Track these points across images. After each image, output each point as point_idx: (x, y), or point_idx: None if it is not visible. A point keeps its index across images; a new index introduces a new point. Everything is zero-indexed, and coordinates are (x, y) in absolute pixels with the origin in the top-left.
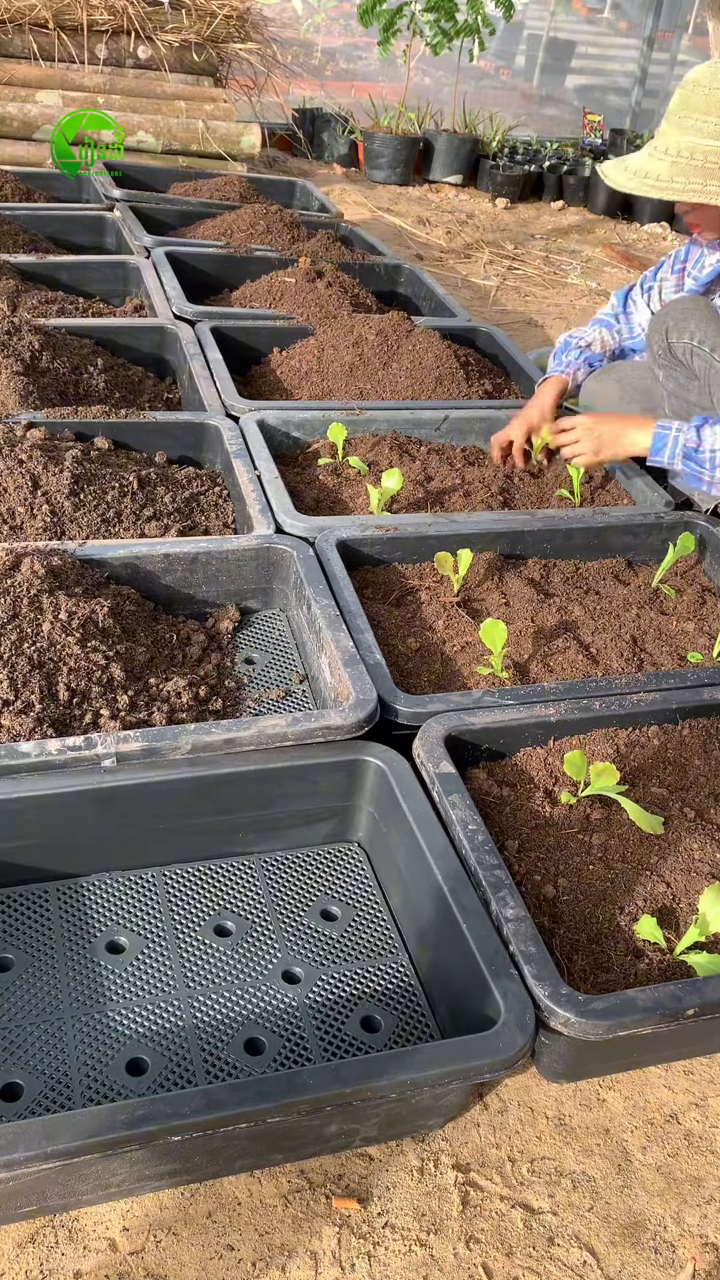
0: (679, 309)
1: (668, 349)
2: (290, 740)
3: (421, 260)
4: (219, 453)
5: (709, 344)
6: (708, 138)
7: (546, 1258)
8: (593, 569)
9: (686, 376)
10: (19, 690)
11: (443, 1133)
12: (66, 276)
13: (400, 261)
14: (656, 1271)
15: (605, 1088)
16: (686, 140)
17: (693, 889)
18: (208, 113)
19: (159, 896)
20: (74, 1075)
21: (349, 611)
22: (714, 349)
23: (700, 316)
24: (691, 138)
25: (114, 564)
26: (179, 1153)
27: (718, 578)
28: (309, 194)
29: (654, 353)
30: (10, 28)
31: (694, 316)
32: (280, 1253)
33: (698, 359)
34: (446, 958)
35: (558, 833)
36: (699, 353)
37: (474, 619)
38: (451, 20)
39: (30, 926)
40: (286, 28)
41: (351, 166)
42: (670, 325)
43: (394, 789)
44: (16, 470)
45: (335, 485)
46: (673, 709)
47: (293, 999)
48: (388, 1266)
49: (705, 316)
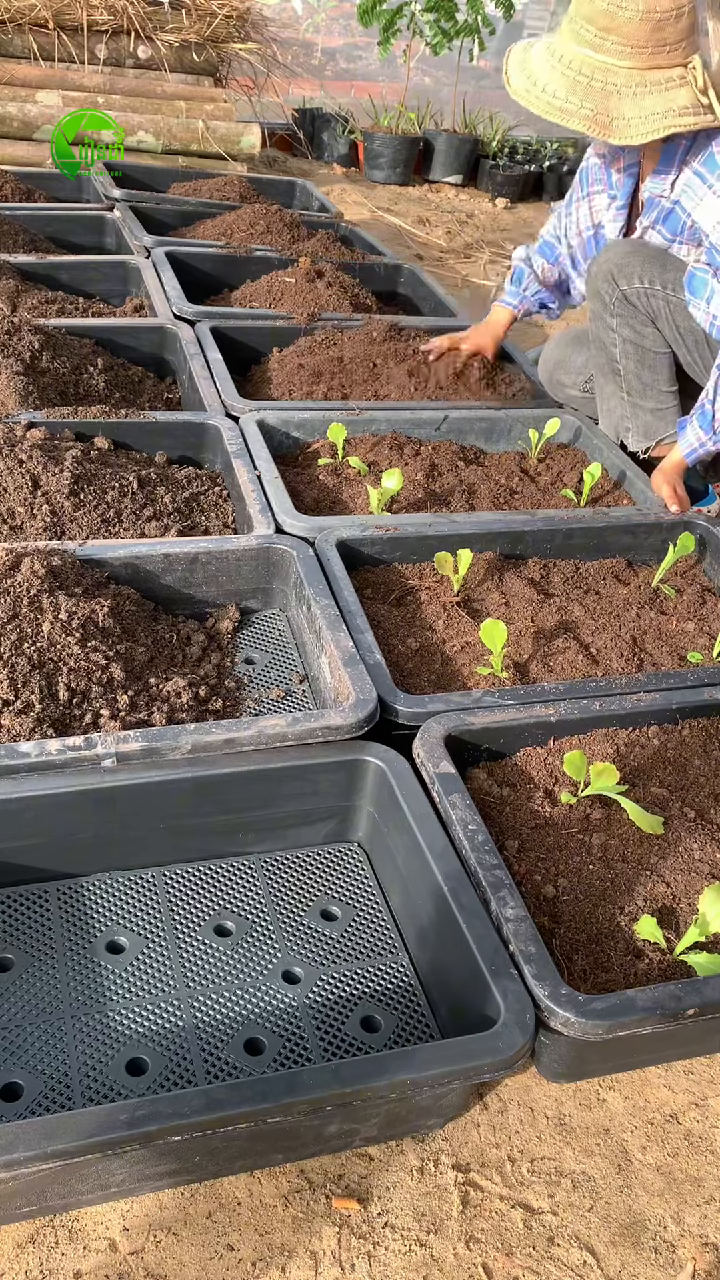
0: (618, 255)
1: (622, 297)
2: (290, 740)
3: (421, 260)
4: (219, 453)
5: (660, 282)
6: (604, 54)
7: (546, 1258)
8: (593, 569)
9: (642, 323)
10: (19, 690)
11: (443, 1133)
12: (66, 276)
13: (400, 261)
14: (656, 1271)
15: (605, 1088)
16: (581, 53)
17: (693, 889)
18: (208, 113)
19: (159, 896)
20: (74, 1075)
21: (349, 611)
22: (665, 285)
23: (642, 259)
24: (587, 50)
25: (114, 564)
26: (179, 1153)
27: (718, 578)
28: (309, 194)
29: (604, 302)
30: (10, 28)
31: (636, 260)
32: (280, 1253)
33: (654, 299)
34: (446, 958)
35: (558, 833)
36: (654, 293)
37: (474, 619)
38: (451, 20)
39: (30, 926)
40: (286, 28)
41: (351, 166)
42: (615, 273)
43: (394, 789)
44: (16, 470)
45: (335, 485)
46: (673, 709)
47: (293, 999)
48: (388, 1266)
49: (646, 258)
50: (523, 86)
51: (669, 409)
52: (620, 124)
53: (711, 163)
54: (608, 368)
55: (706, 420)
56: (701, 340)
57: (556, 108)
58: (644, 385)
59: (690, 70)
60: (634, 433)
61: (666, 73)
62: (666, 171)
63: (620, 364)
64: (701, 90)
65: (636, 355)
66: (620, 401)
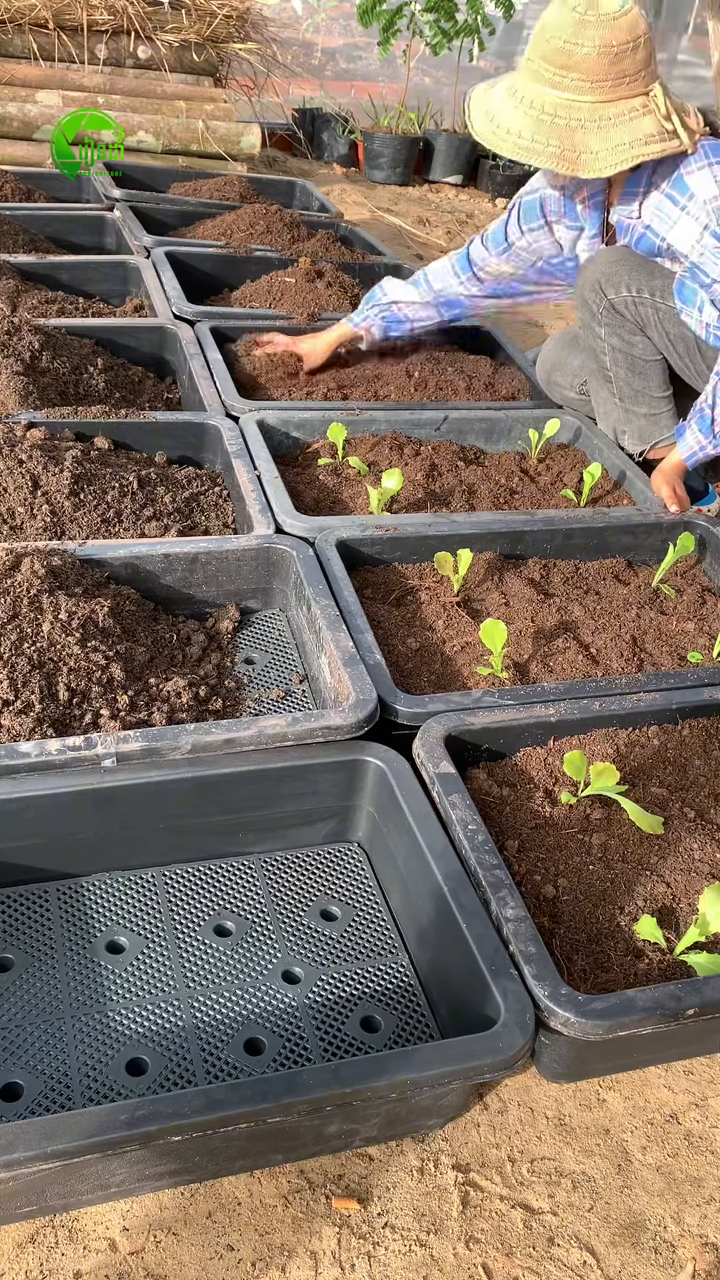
0: (605, 265)
1: (610, 307)
2: (290, 740)
3: (421, 260)
4: (219, 453)
5: (648, 290)
6: (565, 91)
7: (546, 1258)
8: (593, 569)
9: (630, 331)
10: (19, 690)
11: (443, 1133)
12: (66, 276)
13: (400, 262)
14: (656, 1271)
15: (605, 1088)
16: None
17: (693, 889)
18: (208, 113)
19: (159, 896)
20: (74, 1075)
21: (349, 611)
22: (654, 294)
23: (629, 267)
24: (547, 89)
25: (114, 564)
26: (179, 1153)
27: (718, 578)
28: (309, 194)
29: (592, 311)
30: (10, 28)
31: (623, 269)
32: (280, 1253)
33: (643, 308)
34: (446, 958)
35: (558, 833)
36: (642, 301)
37: (474, 619)
38: (451, 20)
39: (30, 926)
40: (286, 28)
41: (351, 167)
42: (603, 282)
43: (394, 789)
44: (16, 470)
45: (335, 485)
46: (673, 709)
47: (293, 999)
48: (388, 1266)
49: (633, 266)
50: (487, 129)
51: (663, 414)
52: (588, 157)
53: (680, 185)
54: (599, 374)
55: (706, 424)
56: (693, 346)
57: (522, 148)
58: (635, 392)
59: (652, 98)
60: (630, 436)
61: (629, 103)
62: (634, 194)
63: (611, 371)
64: (665, 116)
65: (626, 363)
66: (614, 406)
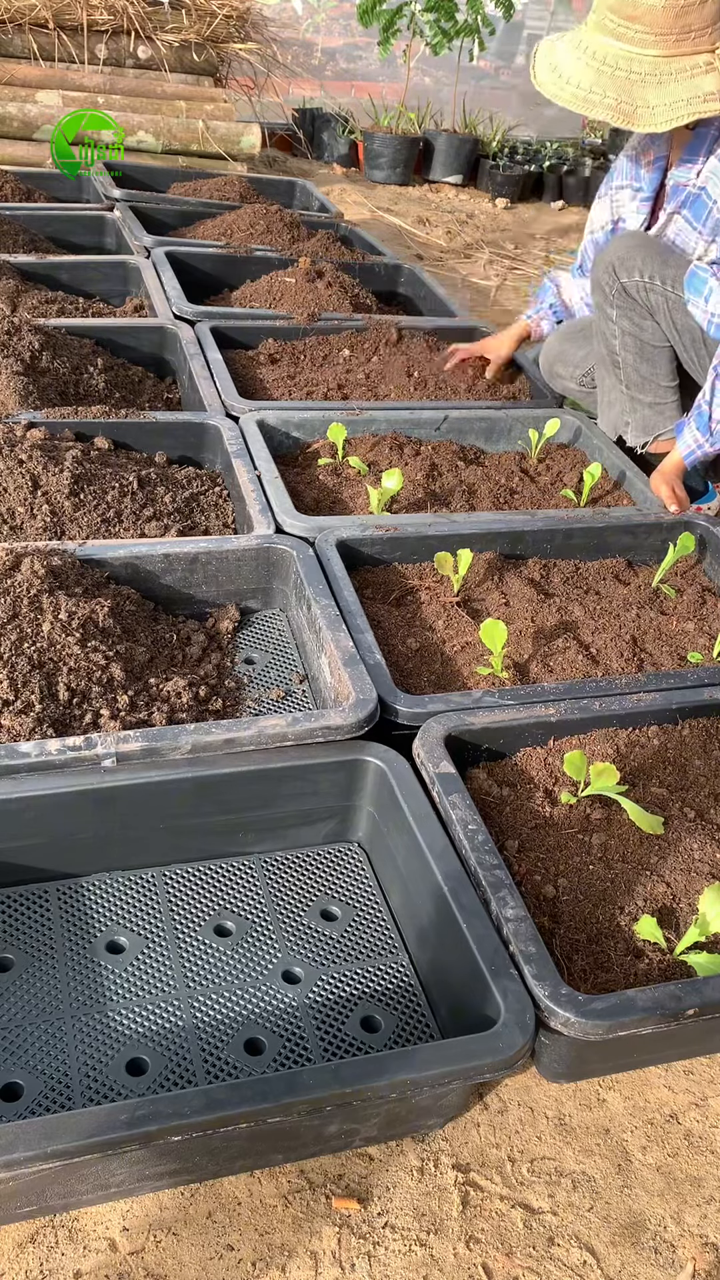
0: (622, 248)
1: (621, 290)
2: (290, 740)
3: (421, 260)
4: (219, 453)
5: (659, 277)
6: (628, 43)
7: (546, 1258)
8: (593, 569)
9: (641, 315)
10: (19, 690)
11: (443, 1133)
12: (66, 276)
13: (400, 261)
14: (656, 1271)
15: (605, 1088)
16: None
17: (693, 889)
18: (208, 113)
19: (159, 896)
20: (74, 1075)
21: (349, 611)
22: (665, 281)
23: (645, 253)
24: (611, 40)
25: (114, 564)
26: (179, 1153)
27: (718, 578)
28: (309, 194)
29: (605, 294)
30: (10, 28)
31: (639, 254)
32: (280, 1253)
33: (653, 294)
34: (446, 958)
35: (558, 833)
36: (653, 288)
37: (474, 619)
38: (451, 20)
39: (30, 926)
40: (286, 28)
41: (351, 166)
42: (617, 265)
43: (394, 789)
44: (16, 470)
45: (335, 485)
46: (673, 709)
47: (293, 999)
48: (388, 1266)
49: (649, 253)
50: (549, 79)
51: (668, 404)
52: (644, 112)
53: None
54: (608, 360)
55: (703, 422)
56: (699, 339)
57: (580, 98)
58: (642, 378)
59: (717, 55)
60: (633, 427)
61: (692, 59)
62: (693, 160)
63: (619, 355)
64: None
65: (635, 348)
66: (620, 395)
